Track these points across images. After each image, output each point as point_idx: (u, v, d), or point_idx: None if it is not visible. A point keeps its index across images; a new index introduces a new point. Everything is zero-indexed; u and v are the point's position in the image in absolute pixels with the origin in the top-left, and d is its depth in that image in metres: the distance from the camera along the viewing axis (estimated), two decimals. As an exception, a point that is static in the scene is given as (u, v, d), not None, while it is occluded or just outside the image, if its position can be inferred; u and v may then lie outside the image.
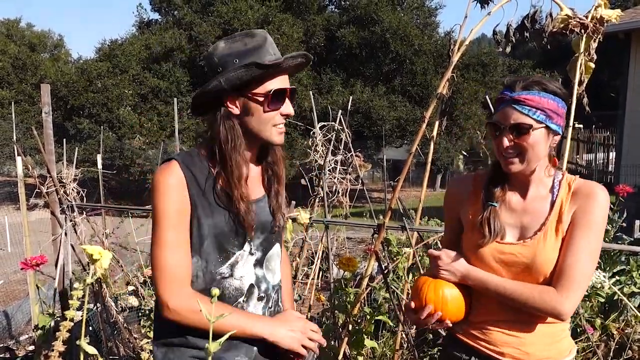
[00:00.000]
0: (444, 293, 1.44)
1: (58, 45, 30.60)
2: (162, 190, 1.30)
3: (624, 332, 2.84)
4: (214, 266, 1.36)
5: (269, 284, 1.46)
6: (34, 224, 4.17)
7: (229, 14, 16.87)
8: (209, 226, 1.34)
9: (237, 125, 1.35)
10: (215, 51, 1.36)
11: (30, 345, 4.12)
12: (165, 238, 1.29)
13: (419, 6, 18.83)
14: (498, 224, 1.41)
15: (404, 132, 17.11)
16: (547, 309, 1.34)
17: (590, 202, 1.35)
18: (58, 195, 3.08)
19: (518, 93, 1.33)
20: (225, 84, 1.31)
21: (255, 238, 1.42)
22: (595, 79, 2.28)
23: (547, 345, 1.42)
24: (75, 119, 16.86)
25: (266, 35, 1.38)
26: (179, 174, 1.32)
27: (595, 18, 2.06)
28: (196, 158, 1.38)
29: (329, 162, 3.11)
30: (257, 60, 1.31)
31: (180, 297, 1.29)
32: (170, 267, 1.29)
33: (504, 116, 1.35)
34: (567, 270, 1.33)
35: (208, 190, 1.35)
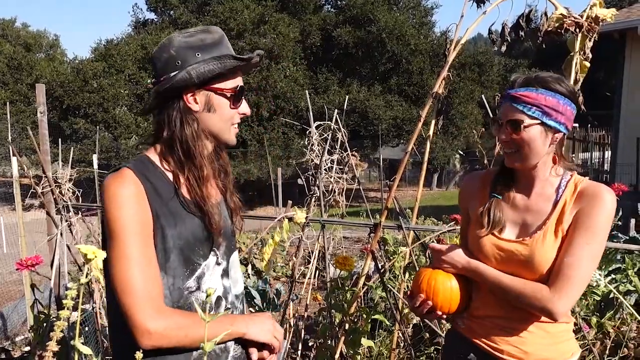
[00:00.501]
0: (437, 284, 1.47)
1: (53, 45, 30.50)
2: (119, 201, 1.15)
3: (619, 330, 2.85)
4: (181, 281, 1.23)
5: (232, 294, 1.36)
6: (29, 225, 4.16)
7: (225, 13, 16.84)
8: (174, 237, 1.21)
9: (199, 121, 1.26)
10: (171, 44, 1.24)
11: (26, 346, 4.11)
12: (131, 254, 1.13)
13: (415, 6, 18.86)
14: (498, 215, 1.42)
15: (400, 131, 17.13)
16: (538, 307, 1.33)
17: (595, 204, 1.32)
18: (53, 196, 3.07)
19: (516, 90, 1.35)
20: (196, 77, 1.21)
21: (220, 246, 1.32)
22: (591, 78, 2.29)
23: (548, 346, 1.41)
24: (71, 119, 16.81)
25: (222, 33, 1.31)
26: (136, 183, 1.18)
27: (590, 17, 2.07)
28: (149, 165, 1.26)
29: (325, 161, 3.11)
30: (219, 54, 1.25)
31: (161, 317, 1.13)
32: (143, 285, 1.13)
33: (502, 112, 1.38)
34: (563, 270, 1.32)
35: (169, 197, 1.23)
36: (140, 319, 1.11)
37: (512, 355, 1.42)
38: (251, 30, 16.72)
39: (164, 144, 1.27)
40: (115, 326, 1.23)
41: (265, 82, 16.10)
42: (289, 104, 16.35)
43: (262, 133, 16.25)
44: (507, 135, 1.36)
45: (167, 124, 1.25)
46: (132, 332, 1.12)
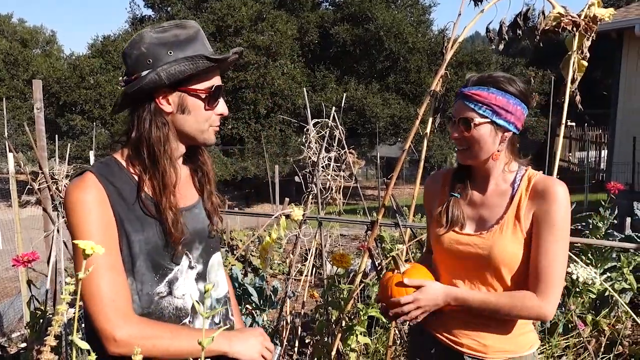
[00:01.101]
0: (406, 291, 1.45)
1: (50, 41, 30.37)
2: (80, 207, 1.12)
3: (614, 328, 2.87)
4: (150, 287, 1.20)
5: (212, 298, 1.33)
6: (25, 221, 4.15)
7: (222, 10, 16.79)
8: (140, 242, 1.17)
9: (169, 123, 1.21)
10: (141, 41, 1.19)
11: (22, 343, 4.10)
12: (95, 262, 1.10)
13: (413, 4, 18.84)
14: (455, 214, 1.46)
15: (398, 129, 17.14)
16: (532, 315, 1.39)
17: (551, 202, 1.36)
18: (50, 192, 3.06)
19: (468, 88, 1.40)
20: (166, 78, 1.15)
21: (193, 249, 1.28)
22: (588, 77, 2.30)
23: (506, 339, 1.45)
24: (67, 115, 16.75)
25: (199, 27, 1.25)
26: (98, 187, 1.15)
27: (588, 16, 2.08)
28: (114, 167, 1.21)
29: (323, 159, 3.11)
30: (194, 53, 1.18)
31: (128, 324, 1.11)
32: (107, 292, 1.10)
33: (455, 109, 1.43)
34: (543, 274, 1.35)
35: (134, 201, 1.19)
36: (106, 326, 1.10)
37: (472, 348, 1.46)
38: (249, 28, 16.68)
39: (131, 145, 1.22)
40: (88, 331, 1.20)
41: (263, 79, 16.07)
42: (286, 102, 16.33)
43: (259, 130, 16.24)
44: (459, 133, 1.41)
45: (136, 125, 1.20)
46: (99, 338, 1.11)
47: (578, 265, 2.68)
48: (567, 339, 2.89)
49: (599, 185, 10.34)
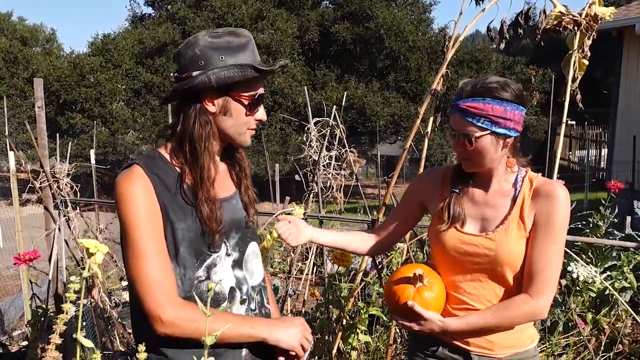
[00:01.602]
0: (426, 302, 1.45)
1: (50, 40, 30.31)
2: (129, 199, 1.21)
3: (614, 327, 2.88)
4: (191, 272, 1.28)
5: (249, 285, 1.40)
6: (26, 220, 4.15)
7: (222, 8, 16.77)
8: (183, 230, 1.26)
9: (212, 123, 1.29)
10: (196, 43, 1.27)
11: (23, 341, 4.11)
12: (144, 249, 1.20)
13: (414, 2, 18.80)
14: (457, 210, 1.47)
15: (398, 128, 17.12)
16: (530, 318, 1.45)
17: (552, 204, 1.39)
18: (52, 190, 3.07)
19: (463, 101, 1.37)
20: (215, 81, 1.23)
21: (230, 238, 1.36)
22: (588, 76, 2.30)
23: (510, 335, 1.48)
24: (67, 113, 16.72)
25: (250, 37, 1.33)
26: (144, 179, 1.23)
27: (589, 15, 2.08)
28: (159, 160, 1.30)
29: (324, 157, 3.11)
30: (243, 62, 1.26)
31: (173, 307, 1.21)
32: (156, 278, 1.20)
33: (454, 123, 1.41)
34: (538, 275, 1.39)
35: (177, 192, 1.27)
36: (154, 308, 1.20)
37: (479, 346, 1.48)
38: (249, 26, 16.65)
39: (175, 140, 1.30)
40: (136, 314, 1.29)
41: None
42: (286, 100, 16.31)
43: (259, 129, 16.24)
44: (461, 147, 1.41)
45: (182, 121, 1.29)
46: (148, 320, 1.21)
47: (578, 264, 2.69)
48: (567, 337, 2.89)
49: (599, 184, 10.34)
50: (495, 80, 1.38)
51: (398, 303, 1.47)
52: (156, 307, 1.20)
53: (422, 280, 1.45)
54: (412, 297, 1.45)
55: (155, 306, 1.20)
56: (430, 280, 1.47)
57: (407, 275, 1.48)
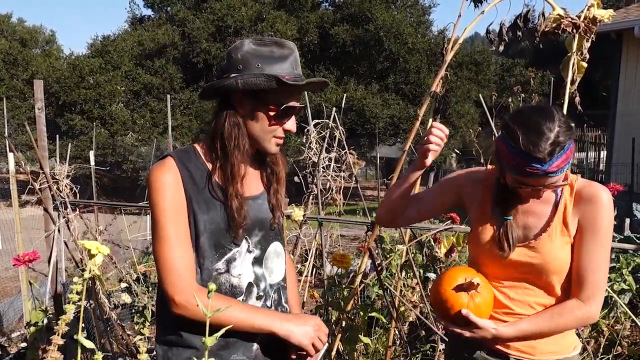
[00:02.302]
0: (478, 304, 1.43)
1: (50, 41, 30.30)
2: (159, 187, 1.30)
3: (613, 329, 2.88)
4: (210, 262, 1.35)
5: (267, 282, 1.44)
6: (25, 221, 4.15)
7: (222, 10, 16.79)
8: (205, 222, 1.33)
9: (242, 124, 1.35)
10: (241, 47, 1.34)
11: (22, 342, 4.10)
12: (167, 233, 1.29)
13: (413, 4, 18.83)
14: (515, 237, 1.43)
15: (397, 130, 17.14)
16: (582, 323, 1.46)
17: (596, 208, 1.37)
18: (51, 192, 3.07)
19: (549, 165, 1.27)
20: (242, 85, 1.30)
21: (253, 235, 1.41)
22: (587, 78, 2.31)
23: (552, 340, 1.45)
24: (67, 115, 16.72)
25: (294, 49, 1.38)
26: (175, 170, 1.32)
27: (588, 18, 2.08)
28: (192, 154, 1.38)
29: (323, 159, 3.12)
30: (279, 72, 1.31)
31: (186, 291, 1.28)
32: (174, 262, 1.29)
33: (539, 183, 1.32)
34: (588, 279, 1.37)
35: (204, 186, 1.35)
36: (168, 289, 1.28)
37: (520, 350, 1.45)
38: (249, 28, 16.67)
39: (209, 137, 1.38)
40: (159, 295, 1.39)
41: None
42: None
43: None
44: (541, 195, 1.37)
45: (216, 120, 1.36)
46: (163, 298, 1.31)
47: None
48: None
49: (598, 186, 10.31)
50: (552, 124, 1.28)
51: (450, 311, 1.43)
52: (171, 289, 1.28)
53: (476, 288, 1.41)
54: (466, 305, 1.41)
55: (170, 288, 1.28)
56: (481, 285, 1.44)
57: (456, 280, 1.44)
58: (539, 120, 1.28)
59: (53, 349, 0.68)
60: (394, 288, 2.81)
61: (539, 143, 1.26)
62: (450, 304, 1.43)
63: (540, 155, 1.26)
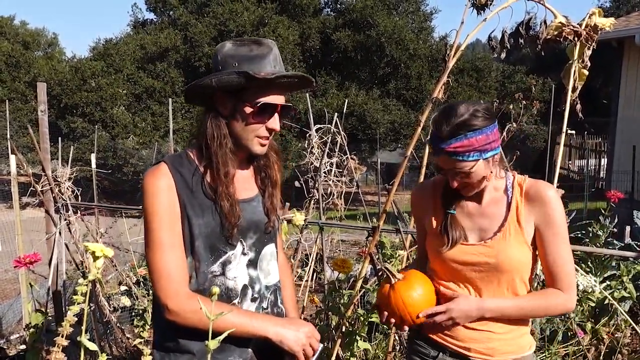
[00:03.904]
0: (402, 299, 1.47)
1: (52, 44, 30.39)
2: (152, 193, 1.30)
3: (614, 336, 2.87)
4: (206, 266, 1.35)
5: (262, 284, 1.45)
6: (25, 223, 4.15)
7: (224, 15, 16.84)
8: (200, 226, 1.33)
9: (223, 124, 1.35)
10: (221, 49, 1.36)
11: (21, 345, 4.10)
12: (160, 239, 1.29)
13: (415, 11, 18.88)
14: (457, 232, 1.50)
15: (398, 135, 17.15)
16: (561, 311, 1.51)
17: (546, 207, 1.44)
18: (53, 194, 3.07)
19: (447, 143, 1.38)
20: (216, 84, 1.31)
21: (248, 238, 1.41)
22: (588, 85, 2.32)
23: (510, 341, 1.50)
24: (68, 117, 16.74)
25: (273, 47, 1.37)
26: (168, 176, 1.32)
27: (589, 26, 2.09)
28: (185, 159, 1.39)
29: (324, 164, 3.12)
30: (255, 70, 1.30)
31: (179, 297, 1.28)
32: (167, 268, 1.28)
33: (444, 164, 1.43)
34: (560, 273, 1.45)
35: (197, 189, 1.35)
36: (161, 295, 1.28)
37: (479, 352, 1.50)
38: (250, 33, 16.71)
39: (198, 140, 1.39)
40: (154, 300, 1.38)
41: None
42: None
43: (259, 135, 16.24)
44: (458, 182, 1.44)
45: (201, 122, 1.38)
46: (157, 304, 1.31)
47: (578, 274, 2.69)
48: (566, 347, 2.89)
49: (598, 194, 10.34)
50: (465, 111, 1.39)
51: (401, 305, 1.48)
52: (163, 296, 1.28)
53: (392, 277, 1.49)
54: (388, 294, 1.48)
55: (162, 294, 1.28)
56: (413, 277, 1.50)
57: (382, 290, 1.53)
58: (453, 106, 1.41)
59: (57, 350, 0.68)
60: (394, 293, 2.81)
61: (442, 122, 1.39)
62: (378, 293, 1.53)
63: (440, 133, 1.39)
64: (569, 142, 15.33)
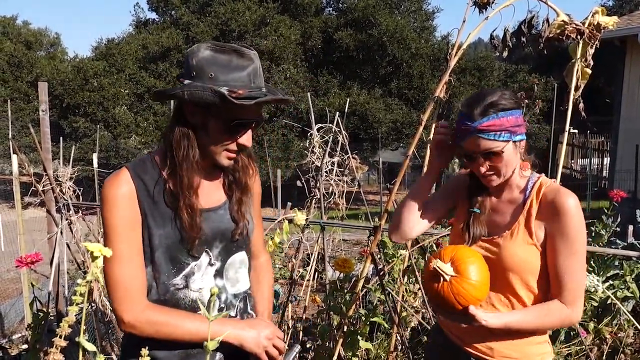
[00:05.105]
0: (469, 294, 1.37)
1: (54, 44, 30.43)
2: (111, 202, 1.24)
3: (616, 336, 2.86)
4: (166, 277, 1.30)
5: (229, 293, 1.39)
6: (27, 223, 4.16)
7: (226, 14, 16.84)
8: (160, 236, 1.28)
9: (191, 134, 1.27)
10: (197, 53, 1.25)
11: (23, 344, 4.10)
12: (117, 251, 1.22)
13: (416, 10, 18.86)
14: (477, 230, 1.50)
15: (400, 135, 17.13)
16: (564, 324, 1.51)
17: (564, 217, 1.38)
18: (54, 194, 3.07)
19: (479, 122, 1.38)
20: (187, 97, 1.22)
21: (213, 247, 1.35)
22: (591, 84, 2.30)
23: (514, 345, 1.46)
24: (70, 117, 16.78)
25: (254, 60, 1.28)
26: (129, 183, 1.26)
27: (592, 24, 2.08)
28: (148, 164, 1.32)
29: (326, 163, 3.12)
30: (231, 84, 1.22)
31: (134, 310, 1.25)
32: (123, 280, 1.25)
33: (473, 145, 1.41)
34: (567, 284, 1.39)
35: (159, 198, 1.29)
36: (117, 308, 1.25)
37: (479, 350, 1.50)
38: (252, 32, 16.72)
39: (163, 146, 1.32)
40: None
41: (266, 83, 16.06)
42: (289, 106, 16.33)
43: (261, 135, 16.27)
44: (486, 166, 1.42)
45: (168, 128, 1.31)
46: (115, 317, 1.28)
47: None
48: (569, 346, 2.88)
49: (601, 193, 10.31)
50: (494, 92, 1.41)
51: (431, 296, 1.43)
52: (119, 308, 1.25)
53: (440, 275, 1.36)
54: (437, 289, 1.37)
55: (118, 307, 1.25)
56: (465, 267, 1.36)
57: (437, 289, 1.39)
58: (481, 91, 1.45)
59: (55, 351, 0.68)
60: (396, 293, 2.81)
61: (472, 104, 1.41)
62: (426, 290, 1.45)
63: (470, 114, 1.39)
64: (572, 141, 15.29)
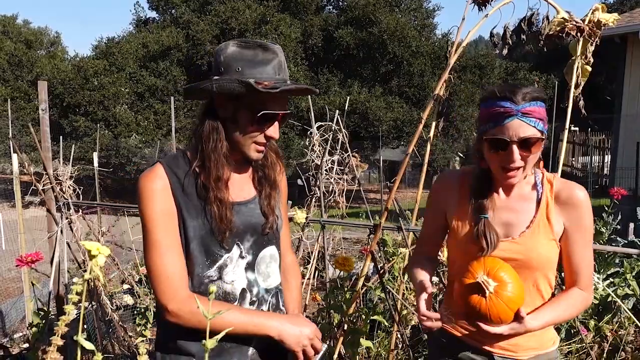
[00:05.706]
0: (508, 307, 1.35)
1: (55, 43, 30.43)
2: (148, 195, 1.29)
3: (617, 334, 2.86)
4: (201, 269, 1.34)
5: (260, 287, 1.42)
6: (28, 222, 4.16)
7: (226, 13, 16.83)
8: (194, 228, 1.32)
9: (220, 127, 1.33)
10: (225, 50, 1.31)
11: (24, 343, 4.11)
12: (157, 241, 1.28)
13: (417, 8, 18.84)
14: (493, 235, 1.43)
15: (401, 133, 17.12)
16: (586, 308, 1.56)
17: (578, 210, 1.43)
18: (54, 193, 3.07)
19: (523, 106, 1.32)
20: (217, 89, 1.28)
21: (245, 241, 1.39)
22: (592, 82, 2.30)
23: (532, 336, 1.47)
24: (71, 116, 16.78)
25: (279, 53, 1.34)
26: (163, 177, 1.31)
27: (592, 22, 2.08)
28: (181, 160, 1.37)
29: (326, 162, 3.12)
30: (257, 77, 1.27)
31: (178, 299, 1.27)
32: (165, 270, 1.28)
33: (512, 130, 1.32)
34: (584, 273, 1.46)
35: (191, 191, 1.33)
36: (161, 297, 1.28)
37: (503, 348, 1.48)
38: (253, 30, 16.71)
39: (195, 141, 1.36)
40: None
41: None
42: (289, 105, 16.34)
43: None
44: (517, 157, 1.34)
45: (198, 122, 1.36)
46: (158, 306, 1.32)
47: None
48: (569, 344, 2.88)
49: (602, 191, 10.30)
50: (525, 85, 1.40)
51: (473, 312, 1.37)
52: (162, 297, 1.28)
53: (485, 290, 1.33)
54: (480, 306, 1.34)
55: (161, 296, 1.28)
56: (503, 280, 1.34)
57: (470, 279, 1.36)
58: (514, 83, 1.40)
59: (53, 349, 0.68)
60: (396, 291, 2.81)
61: (514, 90, 1.34)
62: (468, 306, 1.37)
63: (515, 97, 1.32)
64: (572, 139, 15.28)
